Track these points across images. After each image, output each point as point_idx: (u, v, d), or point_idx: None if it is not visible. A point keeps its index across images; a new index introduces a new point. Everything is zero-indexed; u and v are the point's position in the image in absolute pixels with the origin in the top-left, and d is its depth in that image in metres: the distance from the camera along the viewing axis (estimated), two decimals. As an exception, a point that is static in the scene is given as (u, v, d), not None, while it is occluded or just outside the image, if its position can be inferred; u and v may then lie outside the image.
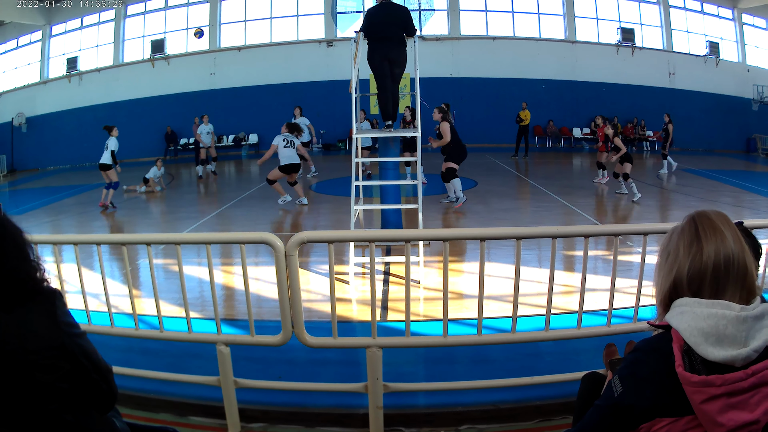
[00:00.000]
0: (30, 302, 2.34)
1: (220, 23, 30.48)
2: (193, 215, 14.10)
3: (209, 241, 4.43)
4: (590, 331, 4.62)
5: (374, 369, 4.20)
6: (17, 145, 29.34)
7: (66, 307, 2.46)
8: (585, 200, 15.04)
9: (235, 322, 6.95)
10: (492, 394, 4.74)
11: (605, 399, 2.17)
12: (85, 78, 30.21)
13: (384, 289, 8.25)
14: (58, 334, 2.34)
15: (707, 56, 30.55)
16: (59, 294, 2.46)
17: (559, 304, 6.85)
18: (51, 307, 2.37)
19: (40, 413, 2.32)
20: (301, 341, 4.23)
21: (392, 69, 9.64)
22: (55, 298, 2.42)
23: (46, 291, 2.42)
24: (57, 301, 2.41)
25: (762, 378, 1.92)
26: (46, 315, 2.35)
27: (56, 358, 2.33)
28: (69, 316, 2.45)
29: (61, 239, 5.00)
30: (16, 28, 29.57)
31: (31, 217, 15.02)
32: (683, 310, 2.04)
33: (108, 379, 2.54)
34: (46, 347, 2.30)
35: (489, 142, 27.94)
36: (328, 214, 13.83)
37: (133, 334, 4.69)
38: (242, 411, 4.47)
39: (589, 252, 4.41)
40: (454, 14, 30.30)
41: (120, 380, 4.65)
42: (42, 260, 2.47)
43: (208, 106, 27.92)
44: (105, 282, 4.56)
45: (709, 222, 2.12)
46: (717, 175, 19.96)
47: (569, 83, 30.29)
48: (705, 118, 30.06)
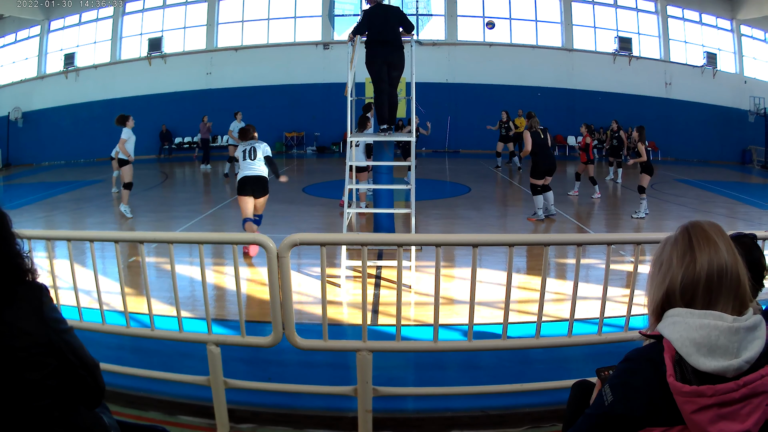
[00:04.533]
0: (17, 299, 2.33)
1: (217, 23, 30.46)
2: (187, 214, 14.07)
3: (202, 240, 4.42)
4: (581, 339, 4.63)
5: (364, 372, 4.19)
6: (13, 139, 29.21)
7: (53, 303, 2.46)
8: (578, 208, 15.06)
9: (226, 322, 6.95)
10: (481, 400, 4.73)
11: (596, 407, 2.17)
12: (82, 74, 30.13)
13: (375, 293, 8.25)
14: (45, 331, 2.35)
15: (704, 67, 30.58)
16: (46, 289, 2.46)
17: (550, 312, 6.86)
18: (38, 303, 2.38)
19: (28, 410, 2.32)
20: (291, 343, 4.23)
21: (390, 72, 9.61)
22: (42, 294, 2.42)
23: (33, 286, 2.42)
24: (44, 297, 2.41)
25: (753, 389, 1.93)
26: (32, 311, 2.35)
27: (43, 354, 2.33)
28: (56, 312, 2.46)
29: (54, 235, 4.98)
30: (14, 22, 29.48)
31: (25, 212, 14.98)
32: (675, 320, 2.05)
33: (95, 375, 2.54)
34: (33, 344, 2.30)
35: (483, 148, 27.92)
36: (321, 217, 13.83)
37: (124, 332, 4.68)
38: (231, 411, 4.46)
39: (582, 260, 4.41)
40: (451, 20, 30.33)
41: (110, 378, 4.64)
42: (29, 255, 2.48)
43: (204, 106, 27.94)
44: (97, 279, 4.55)
45: (703, 233, 2.12)
46: (711, 186, 20.01)
47: (565, 91, 30.31)
48: (701, 129, 30.11)
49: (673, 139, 30.01)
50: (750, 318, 2.01)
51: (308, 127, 30.65)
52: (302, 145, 31.06)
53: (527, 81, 29.98)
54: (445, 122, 28.62)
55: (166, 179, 21.98)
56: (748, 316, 2.02)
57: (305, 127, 30.70)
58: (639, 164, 14.12)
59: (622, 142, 20.96)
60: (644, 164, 14.05)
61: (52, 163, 29.35)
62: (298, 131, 30.87)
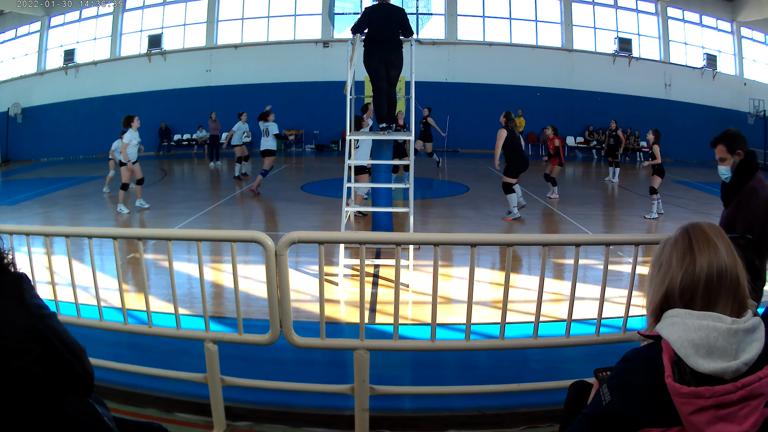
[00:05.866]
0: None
1: (217, 20, 30.46)
2: (185, 211, 14.06)
3: (200, 238, 4.41)
4: (579, 339, 4.62)
5: (361, 371, 4.18)
6: (12, 135, 29.27)
7: (33, 290, 2.48)
8: (576, 209, 15.05)
9: (224, 319, 6.94)
10: (478, 400, 4.73)
11: (593, 408, 2.17)
12: (82, 71, 30.15)
13: (373, 291, 8.24)
14: (27, 318, 2.36)
15: (704, 68, 30.64)
16: (26, 277, 2.48)
17: (548, 312, 6.86)
18: (18, 292, 2.39)
19: (18, 399, 2.32)
20: (288, 341, 4.22)
21: (388, 71, 9.59)
22: (22, 282, 2.44)
23: (12, 275, 2.44)
24: (24, 285, 2.44)
25: (751, 391, 1.92)
26: (13, 300, 2.36)
27: (28, 341, 2.35)
28: (37, 298, 2.47)
29: (52, 231, 4.98)
30: (15, 18, 29.52)
31: (23, 207, 14.99)
32: (674, 321, 2.05)
33: (81, 359, 2.54)
34: (17, 331, 2.32)
35: (482, 148, 27.89)
36: (319, 215, 13.82)
37: (122, 329, 4.66)
38: (228, 409, 4.46)
39: (580, 261, 4.41)
40: (451, 19, 30.34)
41: (107, 374, 4.68)
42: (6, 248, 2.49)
43: (203, 103, 27.94)
44: (95, 275, 4.54)
45: (703, 234, 2.12)
46: (710, 188, 19.97)
47: (565, 91, 30.34)
48: (700, 131, 30.01)
49: (672, 140, 29.91)
50: (749, 320, 2.01)
51: (307, 125, 30.66)
52: (301, 143, 31.05)
53: (527, 81, 30.02)
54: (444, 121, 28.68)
55: (165, 176, 21.96)
56: (747, 318, 2.02)
57: (304, 125, 30.70)
58: (651, 166, 14.19)
59: (619, 141, 21.01)
60: (657, 166, 14.21)
61: (51, 159, 29.39)
62: (297, 129, 30.85)
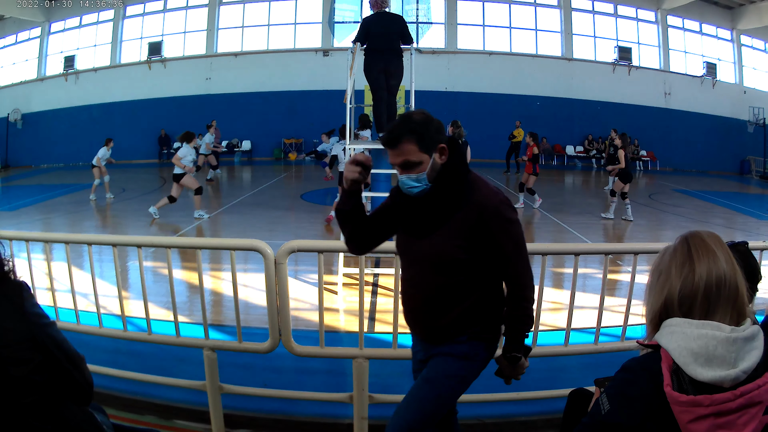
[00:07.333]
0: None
1: (217, 28, 30.48)
2: (185, 219, 14.06)
3: (200, 246, 4.42)
4: (577, 348, 4.62)
5: (360, 380, 4.19)
6: (12, 141, 29.26)
7: (33, 299, 2.48)
8: (575, 218, 15.05)
9: (223, 327, 6.93)
10: (477, 409, 4.71)
11: (592, 416, 2.17)
12: (82, 77, 30.13)
13: (372, 300, 8.24)
14: (27, 326, 2.36)
15: (704, 77, 30.67)
16: (26, 285, 2.48)
17: (547, 321, 6.85)
18: (18, 300, 2.39)
19: (16, 407, 2.32)
20: (288, 349, 4.23)
21: (388, 81, 9.56)
22: (22, 290, 2.43)
23: (13, 283, 2.43)
24: (24, 293, 2.43)
25: (750, 399, 1.93)
26: (13, 308, 2.36)
27: (28, 350, 2.34)
28: (37, 307, 2.47)
29: (52, 237, 4.98)
30: (15, 23, 29.55)
31: (23, 214, 14.99)
32: (673, 330, 2.05)
33: (81, 368, 2.54)
34: (16, 340, 2.31)
35: (483, 157, 27.79)
36: (318, 224, 13.80)
37: (121, 336, 4.67)
38: (227, 416, 4.45)
39: (579, 270, 4.41)
40: (451, 28, 30.34)
41: (107, 381, 4.67)
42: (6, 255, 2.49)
43: (203, 111, 27.90)
44: (95, 282, 4.55)
45: (702, 243, 2.12)
46: (710, 197, 20.03)
47: (564, 101, 30.32)
48: (700, 139, 30.17)
49: (672, 149, 30.05)
50: (748, 328, 2.01)
51: (307, 133, 30.57)
52: (301, 151, 31.02)
53: (527, 90, 30.00)
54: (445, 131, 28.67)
55: (164, 184, 21.95)
56: (746, 327, 2.02)
57: (304, 134, 30.61)
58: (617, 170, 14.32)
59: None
60: (622, 170, 14.31)
61: (50, 165, 29.35)
62: (296, 138, 30.82)
